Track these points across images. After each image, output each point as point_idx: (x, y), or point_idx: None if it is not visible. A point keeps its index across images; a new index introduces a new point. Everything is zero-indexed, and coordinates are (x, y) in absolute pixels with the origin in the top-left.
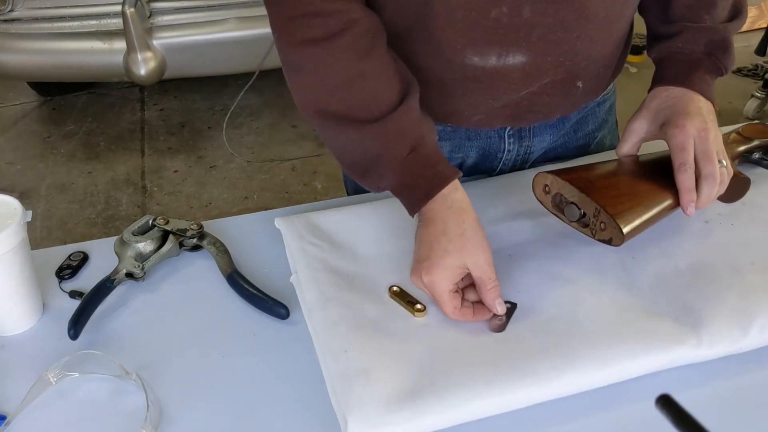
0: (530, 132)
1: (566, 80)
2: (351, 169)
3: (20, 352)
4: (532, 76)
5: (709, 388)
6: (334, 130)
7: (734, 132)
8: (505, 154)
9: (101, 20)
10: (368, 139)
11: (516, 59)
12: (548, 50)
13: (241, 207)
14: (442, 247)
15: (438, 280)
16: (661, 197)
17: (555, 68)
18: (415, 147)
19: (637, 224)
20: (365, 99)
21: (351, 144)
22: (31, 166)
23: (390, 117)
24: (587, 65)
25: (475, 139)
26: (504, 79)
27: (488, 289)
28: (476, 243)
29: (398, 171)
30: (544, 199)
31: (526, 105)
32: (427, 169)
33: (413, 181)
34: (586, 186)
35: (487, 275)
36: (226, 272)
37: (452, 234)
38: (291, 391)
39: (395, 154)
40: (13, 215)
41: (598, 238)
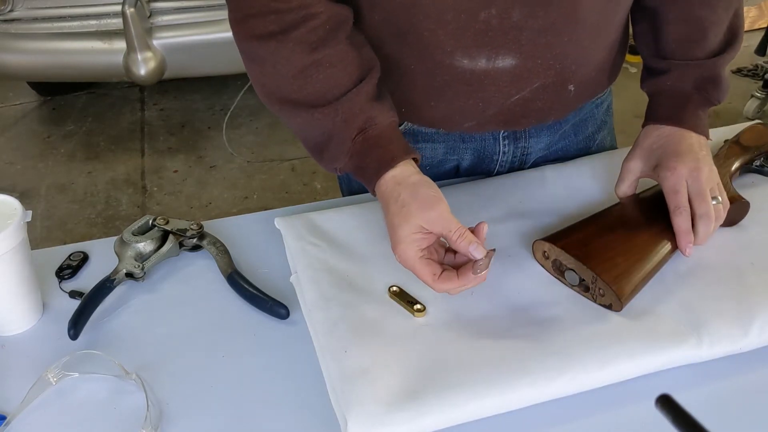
0: (525, 134)
1: (557, 84)
2: (310, 151)
3: (20, 352)
4: (523, 79)
5: (709, 388)
6: (291, 114)
7: (732, 141)
8: (501, 156)
9: (101, 20)
10: (319, 122)
11: (506, 62)
12: (538, 53)
13: (241, 207)
14: (391, 224)
15: (403, 255)
16: (659, 245)
17: (545, 71)
18: (363, 128)
19: (636, 285)
20: (321, 87)
21: (306, 127)
22: (31, 166)
23: (340, 101)
24: (578, 69)
25: (470, 142)
26: (494, 82)
27: (455, 240)
28: (419, 205)
29: (349, 152)
30: (545, 263)
31: (518, 111)
32: (376, 149)
33: (362, 163)
34: (582, 252)
35: (447, 227)
36: (226, 272)
37: (394, 208)
38: (291, 391)
39: (344, 136)
40: (13, 215)
41: (599, 303)
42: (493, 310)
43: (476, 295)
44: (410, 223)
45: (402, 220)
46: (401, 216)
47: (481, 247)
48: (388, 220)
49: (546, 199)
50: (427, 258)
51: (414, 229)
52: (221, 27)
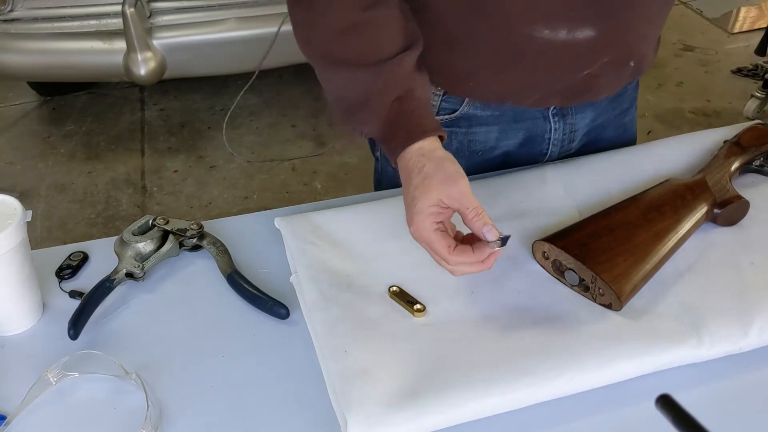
0: (572, 110)
1: (622, 60)
2: (340, 111)
3: (20, 352)
4: (596, 53)
5: (709, 388)
6: (331, 70)
7: (732, 141)
8: (552, 134)
9: (101, 20)
10: (359, 81)
11: (584, 33)
12: (614, 25)
13: (241, 207)
14: (411, 195)
15: (419, 226)
16: (659, 245)
17: (616, 45)
18: (401, 97)
19: (635, 285)
20: (366, 46)
21: (343, 85)
22: (31, 166)
23: (383, 64)
24: (640, 45)
25: (522, 121)
26: (569, 54)
27: (471, 219)
28: (442, 178)
29: (381, 117)
30: (545, 264)
31: (583, 86)
32: (409, 120)
33: (393, 130)
34: (581, 252)
35: (465, 205)
36: (226, 272)
37: (416, 180)
38: (291, 391)
39: (381, 101)
40: (13, 215)
41: (599, 302)
42: (492, 310)
43: (476, 295)
44: (430, 195)
45: (422, 192)
46: (422, 188)
47: (494, 230)
48: (408, 191)
49: (546, 199)
50: (442, 230)
51: (433, 202)
52: (221, 27)
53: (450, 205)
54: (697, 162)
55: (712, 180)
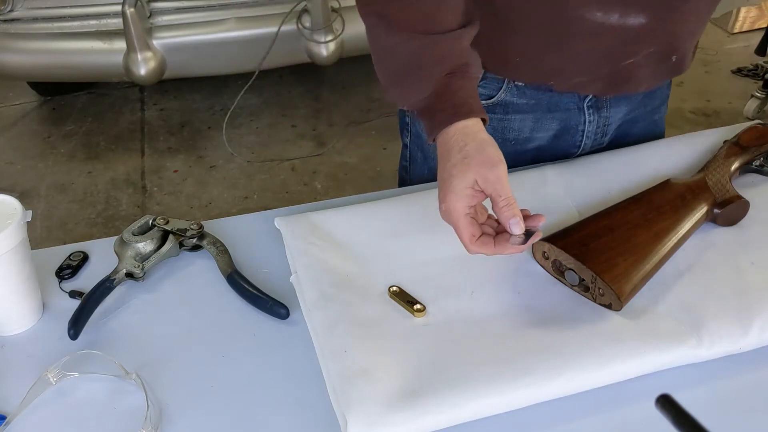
0: (607, 103)
1: (665, 53)
2: (388, 76)
3: (20, 352)
4: (644, 40)
5: (709, 388)
6: (387, 31)
7: (732, 141)
8: (586, 126)
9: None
10: (415, 47)
11: (636, 20)
12: (665, 15)
13: (241, 207)
14: (449, 173)
15: (451, 207)
16: (659, 245)
17: (663, 36)
18: (454, 71)
19: (635, 284)
20: (427, 14)
21: (398, 49)
22: (31, 166)
23: (443, 35)
24: (685, 40)
25: (556, 111)
26: (618, 38)
27: (501, 207)
28: (481, 160)
29: (430, 88)
30: (545, 264)
31: (626, 75)
32: (457, 96)
33: (439, 103)
34: (581, 252)
35: (498, 191)
36: (226, 272)
37: (455, 158)
38: (291, 391)
39: (435, 70)
40: (13, 215)
41: (599, 302)
42: (492, 310)
43: (476, 294)
44: (467, 175)
45: (460, 171)
46: (461, 167)
47: (521, 224)
48: (446, 169)
49: (546, 199)
50: (472, 216)
51: (469, 183)
52: (221, 27)
53: (484, 189)
54: (697, 162)
55: (712, 180)
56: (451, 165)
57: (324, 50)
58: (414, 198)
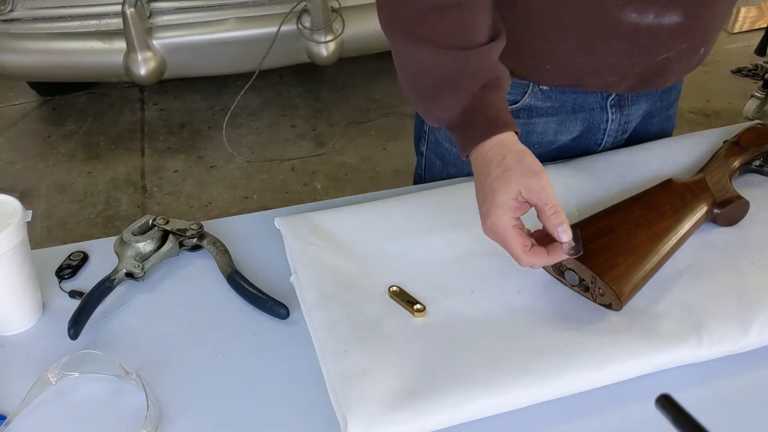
0: (629, 101)
1: (696, 46)
2: (419, 94)
3: (20, 352)
4: (678, 38)
5: (709, 388)
6: (415, 49)
7: (732, 141)
8: (609, 125)
9: (101, 20)
10: (446, 64)
11: (671, 19)
12: (699, 12)
13: (241, 207)
14: (490, 188)
15: (496, 220)
16: (659, 245)
17: (696, 32)
18: (486, 85)
19: (635, 284)
20: (455, 29)
21: (429, 66)
22: (31, 166)
23: (474, 50)
24: (715, 31)
25: (580, 112)
26: (653, 38)
27: (548, 215)
28: (522, 170)
29: (463, 103)
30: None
31: (658, 70)
32: (490, 110)
33: (473, 118)
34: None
35: (543, 200)
36: (226, 272)
37: (495, 172)
38: (291, 391)
39: (469, 85)
40: (13, 215)
41: (599, 302)
42: (493, 310)
43: (476, 295)
44: (510, 188)
45: (502, 184)
46: (502, 180)
47: (569, 230)
48: (486, 183)
49: None
50: (519, 228)
51: (513, 195)
52: (221, 27)
53: (529, 199)
54: (697, 162)
55: (712, 180)
56: (491, 180)
57: (324, 50)
58: (414, 198)
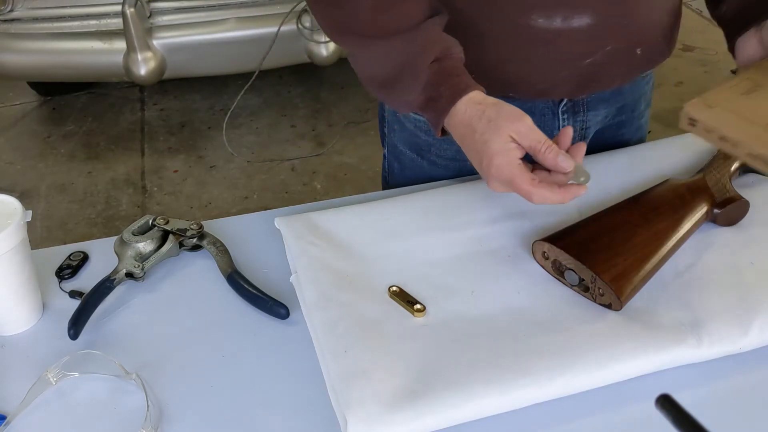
0: (584, 106)
1: (627, 48)
2: (378, 87)
3: (20, 352)
4: (596, 40)
5: (709, 388)
6: (365, 46)
7: None
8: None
9: (101, 20)
10: (395, 50)
11: (581, 21)
12: (613, 11)
13: (241, 207)
14: (482, 141)
15: (501, 163)
16: (659, 245)
17: (618, 32)
18: (440, 58)
19: (635, 285)
20: (396, 18)
21: (379, 57)
22: (31, 166)
23: (417, 29)
24: (646, 31)
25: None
26: (568, 42)
27: (543, 152)
28: (507, 116)
29: (422, 81)
30: (545, 264)
31: (590, 75)
32: (451, 78)
33: (437, 91)
34: (581, 252)
35: (536, 139)
36: (226, 272)
37: (481, 126)
38: (291, 391)
39: (420, 62)
40: (13, 215)
41: (599, 302)
42: (492, 310)
43: (476, 294)
44: (501, 134)
45: (492, 134)
46: (491, 130)
47: (569, 159)
48: (476, 140)
49: None
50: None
51: (506, 140)
52: (221, 27)
53: (520, 142)
54: (697, 162)
55: (711, 180)
56: (480, 134)
57: (324, 50)
58: (414, 198)
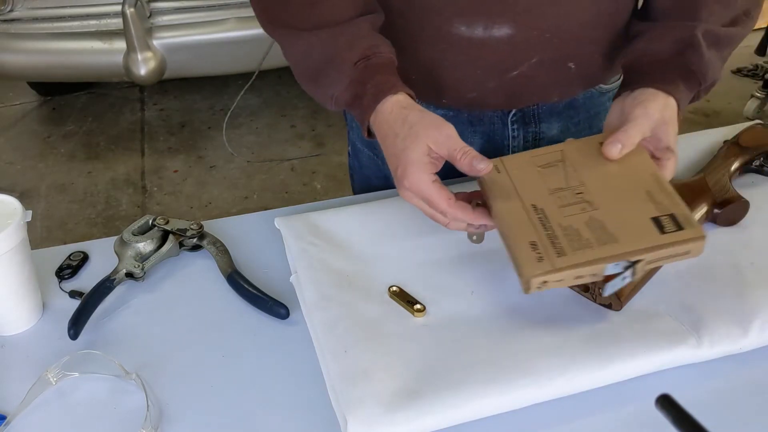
0: (535, 118)
1: (557, 60)
2: (306, 79)
3: (20, 352)
4: (520, 51)
5: (709, 388)
6: (293, 38)
7: (732, 142)
8: (511, 141)
9: (101, 20)
10: (321, 43)
11: (502, 31)
12: (534, 24)
13: (241, 207)
14: (401, 146)
15: (415, 178)
16: None
17: (543, 45)
18: (367, 56)
19: (635, 285)
20: (326, 12)
21: (306, 51)
22: (31, 166)
23: (345, 24)
24: (578, 47)
25: (478, 125)
26: (492, 52)
27: (459, 158)
28: (427, 124)
29: (347, 76)
30: None
31: (519, 87)
32: (377, 75)
33: (362, 88)
34: None
35: (452, 147)
36: (226, 272)
37: (402, 131)
38: (291, 391)
39: (346, 59)
40: (13, 215)
41: (599, 302)
42: (493, 310)
43: (476, 295)
44: (419, 143)
45: (411, 141)
46: (410, 137)
47: (485, 160)
48: (395, 144)
49: None
50: (438, 183)
51: (424, 150)
52: (221, 27)
53: (438, 152)
54: (697, 162)
55: (712, 180)
56: (401, 139)
57: None
58: None
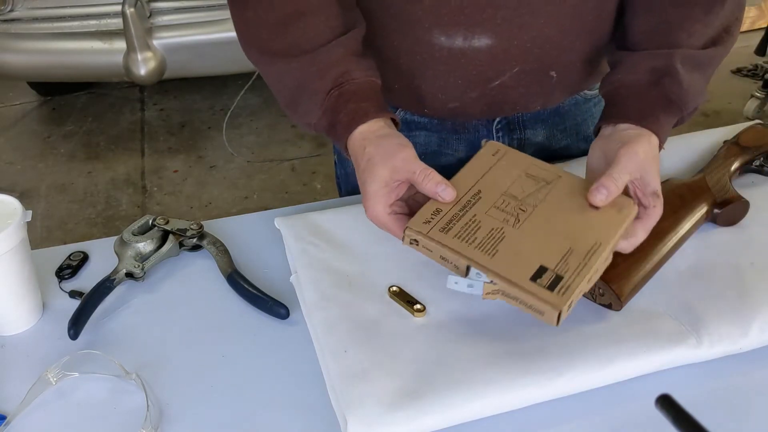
0: (520, 124)
1: (538, 70)
2: (284, 105)
3: (20, 352)
4: (500, 62)
5: (709, 388)
6: (268, 64)
7: (732, 142)
8: None
9: (101, 20)
10: (295, 71)
11: (481, 42)
12: (514, 34)
13: (241, 207)
14: (362, 180)
15: (374, 211)
16: (659, 245)
17: (524, 55)
18: (340, 83)
19: (635, 285)
20: (300, 36)
21: (281, 78)
22: (31, 166)
23: (317, 51)
24: (560, 55)
25: (463, 133)
26: (471, 62)
27: (420, 182)
28: (383, 154)
29: (320, 105)
30: None
31: (501, 97)
32: (349, 104)
33: (335, 117)
34: None
35: (411, 170)
36: (226, 272)
37: (362, 164)
38: (291, 391)
39: (317, 88)
40: (13, 215)
41: (599, 302)
42: (492, 310)
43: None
44: (376, 175)
45: (369, 174)
46: (368, 170)
47: (450, 188)
48: (359, 177)
49: None
50: (398, 214)
51: (381, 183)
52: (221, 27)
53: (399, 178)
54: (697, 162)
55: (712, 180)
56: (361, 171)
57: None
58: None
